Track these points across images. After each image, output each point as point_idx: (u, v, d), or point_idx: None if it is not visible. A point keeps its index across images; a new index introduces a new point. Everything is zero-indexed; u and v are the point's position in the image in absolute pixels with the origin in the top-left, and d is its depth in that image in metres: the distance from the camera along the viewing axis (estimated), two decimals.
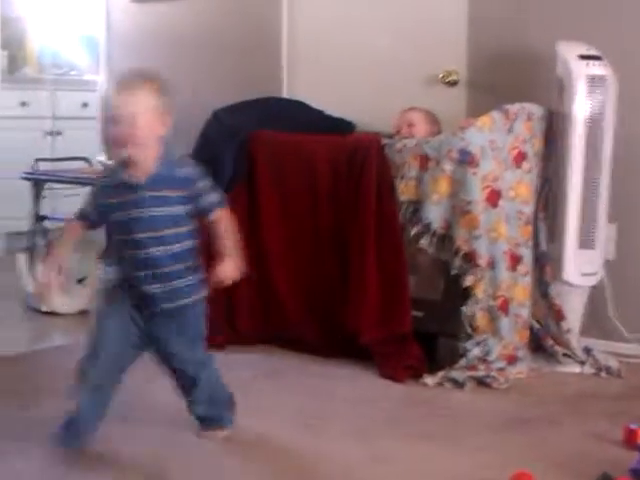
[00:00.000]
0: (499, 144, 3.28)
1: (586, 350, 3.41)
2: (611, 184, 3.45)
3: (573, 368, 3.37)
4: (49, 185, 4.69)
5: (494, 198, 3.26)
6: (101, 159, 4.63)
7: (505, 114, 3.32)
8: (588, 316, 3.56)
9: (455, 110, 3.84)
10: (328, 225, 3.50)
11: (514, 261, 3.33)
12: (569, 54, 3.38)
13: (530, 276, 3.39)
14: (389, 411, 2.95)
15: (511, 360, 3.28)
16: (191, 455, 2.55)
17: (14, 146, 5.56)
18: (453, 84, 3.91)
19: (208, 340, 3.59)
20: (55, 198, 5.28)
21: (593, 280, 3.50)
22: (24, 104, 5.82)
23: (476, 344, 3.25)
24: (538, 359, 3.41)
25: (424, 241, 3.30)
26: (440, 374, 3.20)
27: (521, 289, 3.34)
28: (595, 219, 3.42)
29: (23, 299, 4.32)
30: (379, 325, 3.33)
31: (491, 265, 3.25)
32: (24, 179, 4.50)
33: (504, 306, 3.28)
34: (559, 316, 3.42)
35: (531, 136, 3.40)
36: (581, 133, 3.36)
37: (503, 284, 3.27)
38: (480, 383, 3.18)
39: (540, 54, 3.62)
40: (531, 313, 3.42)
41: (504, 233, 3.28)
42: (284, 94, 4.35)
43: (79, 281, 4.37)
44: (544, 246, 3.46)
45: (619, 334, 3.58)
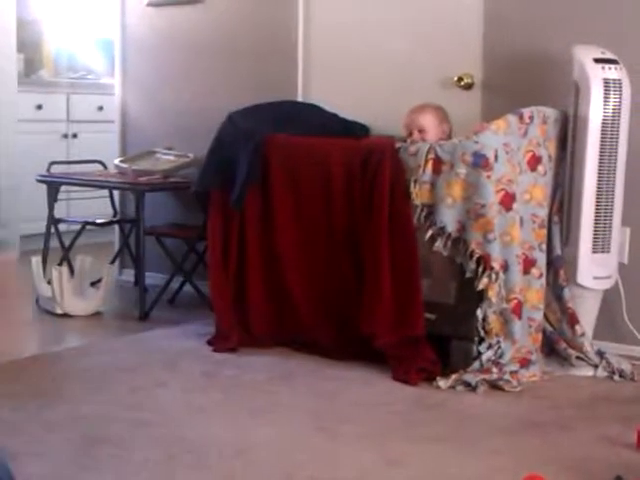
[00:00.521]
0: (513, 147, 3.29)
1: (599, 353, 3.40)
2: (625, 188, 3.45)
3: (586, 371, 3.37)
4: (65, 188, 4.72)
5: (508, 201, 3.26)
6: (117, 162, 4.66)
7: (520, 117, 3.33)
8: (602, 319, 3.55)
9: (470, 113, 3.84)
10: (342, 228, 3.51)
11: (528, 264, 3.33)
12: (584, 57, 3.38)
13: (544, 279, 3.39)
14: (402, 414, 2.96)
15: (524, 363, 3.28)
16: (201, 457, 2.56)
17: (30, 149, 5.60)
18: (468, 87, 3.91)
19: (221, 342, 3.65)
20: (70, 201, 5.33)
21: (607, 283, 3.50)
22: (40, 107, 5.86)
23: (489, 347, 3.26)
24: (551, 362, 3.41)
25: (438, 244, 3.31)
26: (453, 377, 3.20)
27: (535, 292, 3.34)
28: (609, 223, 3.42)
29: (37, 301, 4.35)
30: (392, 328, 3.33)
31: (504, 268, 3.26)
32: (39, 182, 4.53)
33: (517, 309, 3.28)
34: (573, 319, 3.42)
35: (545, 139, 3.41)
36: (596, 137, 3.36)
37: (516, 287, 3.28)
38: (493, 386, 3.18)
39: (555, 57, 3.63)
40: (544, 316, 3.42)
41: (517, 236, 3.29)
42: (299, 97, 4.36)
43: (92, 284, 4.39)
44: (558, 249, 3.46)
45: (632, 337, 3.58)
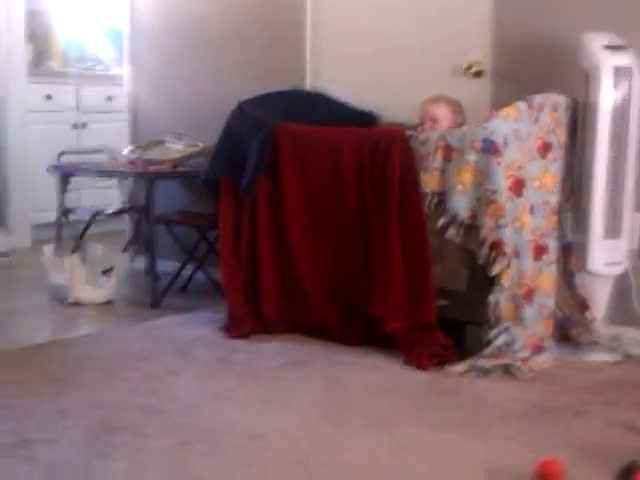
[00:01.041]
0: (523, 133, 3.27)
1: (612, 338, 3.39)
2: (636, 174, 3.43)
3: (598, 357, 3.36)
4: (75, 177, 4.71)
5: (518, 187, 3.25)
6: (126, 152, 4.65)
7: (530, 105, 3.31)
8: (613, 305, 3.54)
9: (480, 101, 3.82)
10: (352, 216, 3.50)
11: (539, 251, 3.32)
12: (594, 44, 3.36)
13: (555, 266, 3.38)
14: (414, 399, 2.95)
15: (536, 349, 3.27)
16: (214, 444, 2.56)
17: (40, 139, 5.60)
18: (478, 75, 3.89)
19: (234, 329, 3.65)
20: (81, 190, 5.32)
21: (618, 270, 3.48)
22: (49, 97, 5.85)
23: (501, 333, 3.24)
24: (564, 348, 3.40)
25: (451, 231, 3.29)
26: (468, 362, 3.19)
27: (546, 279, 3.33)
28: (620, 209, 3.41)
29: (49, 290, 4.36)
30: (404, 314, 3.33)
31: (516, 254, 3.25)
32: (50, 171, 4.52)
33: (528, 295, 3.27)
34: (584, 306, 3.41)
35: (556, 126, 3.39)
36: (606, 123, 3.34)
37: (527, 273, 3.27)
38: (505, 371, 3.17)
39: (565, 44, 3.60)
40: (556, 303, 3.41)
41: (528, 223, 3.27)
42: (307, 86, 4.35)
43: (104, 272, 4.39)
44: (570, 236, 3.45)
45: None
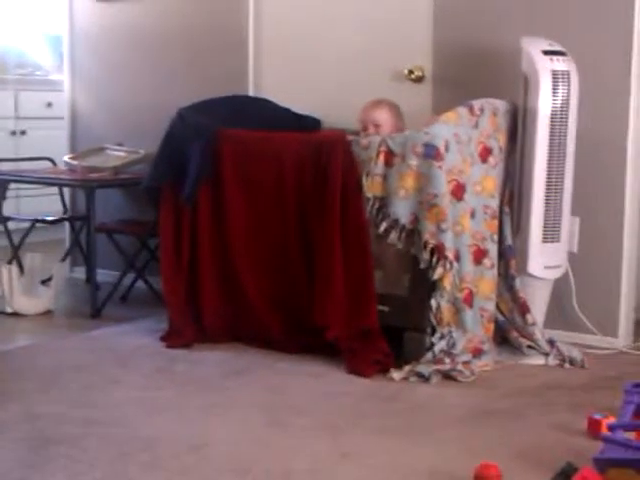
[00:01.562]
0: (463, 138, 3.31)
1: (550, 342, 3.44)
2: (574, 178, 3.49)
3: (537, 360, 3.41)
4: (14, 185, 4.66)
5: (459, 191, 3.29)
6: (67, 159, 4.60)
7: (470, 109, 3.35)
8: (553, 308, 3.60)
9: (421, 106, 3.86)
10: (294, 222, 3.50)
11: (479, 255, 3.36)
12: (533, 49, 3.41)
13: (496, 270, 3.42)
14: (356, 406, 2.97)
15: (476, 353, 3.31)
16: (154, 455, 2.55)
17: None
18: (419, 80, 3.93)
19: (175, 338, 3.63)
20: (19, 198, 5.25)
21: (557, 273, 3.54)
22: None
23: (441, 337, 3.28)
24: (503, 351, 3.45)
25: (393, 236, 3.32)
26: (406, 368, 3.22)
27: (487, 282, 3.37)
28: (559, 213, 3.46)
29: None
30: (346, 321, 3.34)
31: (456, 258, 3.28)
32: None
33: (468, 299, 3.31)
34: (524, 309, 3.45)
35: (496, 131, 3.44)
36: (545, 128, 3.40)
37: (467, 277, 3.31)
38: (446, 376, 3.20)
39: (505, 50, 3.66)
40: (496, 306, 3.45)
41: (468, 227, 3.32)
42: (250, 92, 4.35)
43: (43, 282, 4.34)
44: (509, 240, 3.49)
45: (583, 326, 3.63)
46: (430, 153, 3.25)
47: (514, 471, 2.39)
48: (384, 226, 3.33)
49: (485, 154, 3.40)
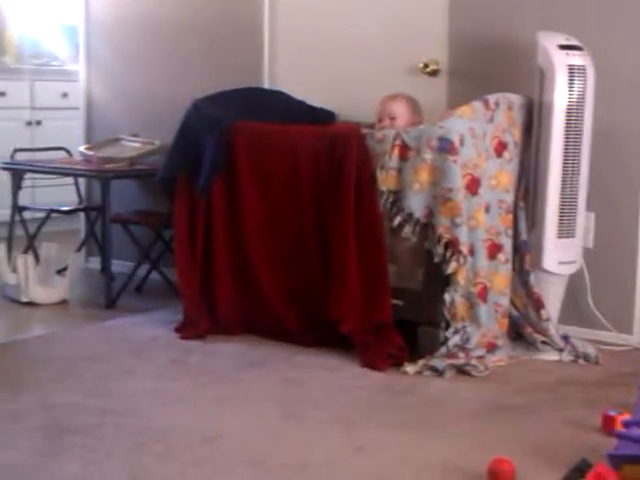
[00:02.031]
0: (478, 132, 3.30)
1: (564, 337, 3.44)
2: (590, 173, 3.48)
3: (552, 356, 3.40)
4: (29, 175, 4.67)
5: (474, 186, 3.28)
6: (82, 150, 4.61)
7: (485, 104, 3.34)
8: (567, 304, 3.59)
9: (436, 100, 3.85)
10: (309, 215, 3.50)
11: (494, 249, 3.35)
12: (549, 44, 3.40)
13: (510, 265, 3.41)
14: (371, 400, 2.97)
15: (490, 348, 3.30)
16: (169, 446, 2.55)
17: None
18: (434, 74, 3.92)
19: (189, 329, 3.64)
20: (35, 189, 5.26)
21: (572, 268, 3.53)
22: (3, 94, 5.78)
23: (455, 332, 3.28)
24: (517, 347, 3.44)
25: (407, 230, 3.31)
26: (420, 362, 3.22)
27: (501, 277, 3.37)
28: (574, 208, 3.45)
29: (2, 290, 4.31)
30: (360, 314, 3.34)
31: (471, 253, 3.28)
32: (3, 169, 4.47)
33: (482, 293, 3.31)
34: (538, 304, 3.44)
35: (511, 125, 3.43)
36: (561, 122, 3.38)
37: (482, 271, 3.30)
38: (460, 371, 3.20)
39: (521, 44, 3.64)
40: (511, 301, 3.44)
41: (483, 221, 3.31)
42: (265, 83, 4.35)
43: (58, 272, 4.36)
44: (524, 235, 3.48)
45: (597, 322, 3.61)
46: (445, 147, 3.24)
47: (528, 467, 2.39)
48: (398, 220, 3.33)
49: (500, 148, 3.39)
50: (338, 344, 3.40)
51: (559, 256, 3.47)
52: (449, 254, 3.25)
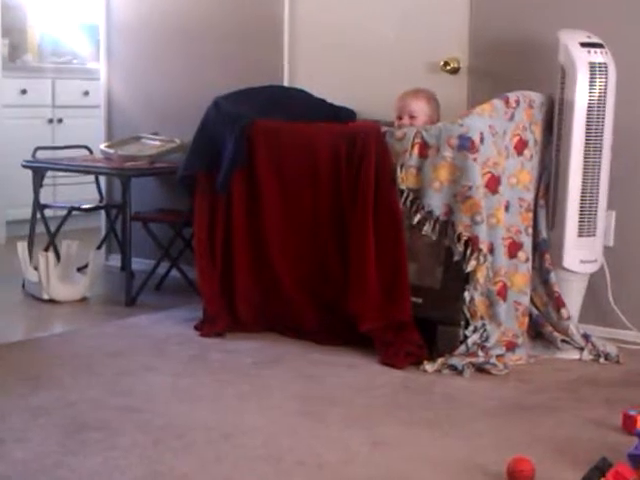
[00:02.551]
0: (498, 130, 3.29)
1: (585, 336, 3.42)
2: (610, 171, 3.46)
3: (572, 355, 3.39)
4: (50, 173, 4.70)
5: (493, 184, 3.27)
6: (103, 148, 4.63)
7: (506, 102, 3.34)
8: (588, 303, 3.57)
9: (456, 98, 3.84)
10: (328, 213, 3.51)
11: (514, 248, 3.35)
12: (570, 42, 3.38)
13: (530, 263, 3.40)
14: (389, 398, 2.97)
15: (510, 346, 3.29)
16: (188, 442, 2.56)
17: (15, 134, 5.57)
18: (454, 72, 3.91)
19: (208, 327, 3.65)
20: (56, 186, 5.30)
21: (593, 267, 3.51)
22: (24, 92, 5.82)
23: (475, 330, 3.27)
24: (537, 346, 3.43)
25: (427, 228, 3.31)
26: (439, 361, 3.21)
27: (521, 276, 3.36)
28: (595, 206, 3.43)
29: (23, 287, 4.34)
30: (379, 312, 3.34)
31: (490, 251, 3.27)
32: (25, 167, 4.50)
33: (502, 292, 3.30)
34: (559, 303, 3.43)
35: (532, 123, 3.42)
36: (581, 120, 3.37)
37: (502, 270, 3.30)
38: (479, 369, 3.19)
39: (542, 41, 3.63)
40: (531, 300, 3.43)
41: (503, 219, 3.30)
42: (285, 82, 4.35)
43: (79, 269, 4.38)
44: (544, 233, 3.47)
45: (618, 320, 3.60)
46: (465, 145, 3.24)
47: (547, 466, 2.39)
48: (418, 218, 3.32)
49: (520, 147, 3.39)
50: (357, 341, 3.40)
51: (580, 255, 3.45)
52: (469, 252, 3.25)
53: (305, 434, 2.64)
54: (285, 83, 4.35)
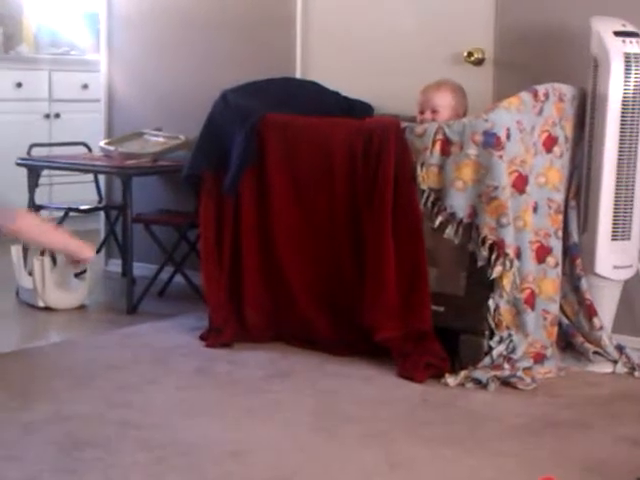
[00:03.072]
0: (526, 126, 3.29)
1: (619, 348, 3.42)
2: None
3: (605, 367, 3.39)
4: (47, 172, 4.72)
5: (521, 184, 3.27)
6: (102, 145, 4.65)
7: (534, 95, 3.34)
8: (622, 311, 3.56)
9: (481, 91, 3.84)
10: (343, 214, 3.51)
11: (542, 252, 3.34)
12: (604, 30, 3.38)
13: (560, 269, 3.40)
14: (407, 413, 2.98)
15: (538, 358, 3.29)
16: (193, 460, 2.57)
17: (9, 130, 5.59)
18: (479, 63, 3.91)
19: (215, 337, 3.66)
20: (52, 186, 5.33)
21: (627, 273, 3.51)
22: (19, 85, 5.85)
23: (500, 341, 3.27)
24: (567, 358, 3.44)
25: (449, 231, 3.31)
26: (462, 374, 3.22)
27: (550, 282, 3.36)
28: (630, 208, 3.43)
29: (17, 294, 4.36)
30: (397, 321, 3.35)
31: (517, 256, 3.27)
32: (19, 165, 4.53)
33: (530, 300, 3.30)
34: (591, 312, 3.43)
35: (562, 119, 3.42)
36: (616, 115, 3.37)
37: (529, 276, 3.30)
38: (505, 383, 3.19)
39: (572, 31, 3.63)
40: (560, 308, 3.43)
41: (530, 222, 3.30)
42: (297, 73, 4.36)
43: (76, 275, 4.40)
44: (575, 237, 3.47)
45: None
46: (490, 142, 3.24)
47: None
48: (439, 220, 3.33)
49: (550, 143, 3.38)
50: (373, 352, 3.41)
51: (613, 260, 3.45)
52: (494, 257, 3.25)
53: (318, 453, 2.64)
54: (297, 75, 4.36)
